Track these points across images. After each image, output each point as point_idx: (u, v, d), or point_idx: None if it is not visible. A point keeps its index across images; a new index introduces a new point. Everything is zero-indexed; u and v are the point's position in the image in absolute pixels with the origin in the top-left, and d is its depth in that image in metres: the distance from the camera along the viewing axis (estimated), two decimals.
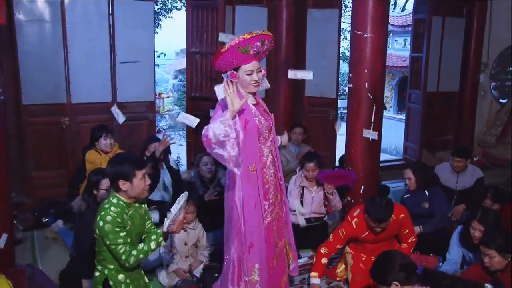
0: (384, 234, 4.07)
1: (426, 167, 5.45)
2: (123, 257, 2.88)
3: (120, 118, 5.42)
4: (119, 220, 2.88)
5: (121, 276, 3.01)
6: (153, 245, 2.97)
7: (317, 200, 5.12)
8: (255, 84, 3.27)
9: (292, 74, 3.31)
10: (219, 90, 3.31)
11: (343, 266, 4.38)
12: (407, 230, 4.19)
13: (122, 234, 2.87)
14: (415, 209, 4.84)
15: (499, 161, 8.04)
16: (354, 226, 4.04)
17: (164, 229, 2.95)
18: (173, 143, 5.39)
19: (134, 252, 2.91)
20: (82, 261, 4.16)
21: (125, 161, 2.96)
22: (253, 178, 3.32)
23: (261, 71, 3.29)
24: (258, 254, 3.38)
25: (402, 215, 4.08)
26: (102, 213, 2.88)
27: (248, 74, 3.23)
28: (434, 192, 4.99)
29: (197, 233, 4.43)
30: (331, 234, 4.23)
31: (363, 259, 4.17)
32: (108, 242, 2.86)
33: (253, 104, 3.37)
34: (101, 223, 2.85)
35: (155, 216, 4.71)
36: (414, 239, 4.28)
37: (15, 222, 4.54)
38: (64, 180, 6.08)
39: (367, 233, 4.04)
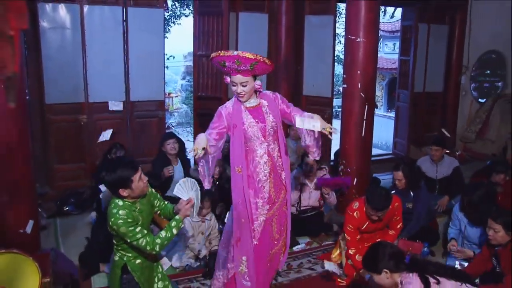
0: (381, 223, 4.09)
1: (413, 165, 5.49)
2: (148, 248, 2.84)
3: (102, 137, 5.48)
4: (130, 220, 2.81)
5: (138, 261, 2.98)
6: (175, 230, 2.95)
7: (315, 196, 5.11)
8: (239, 95, 3.24)
9: (299, 122, 3.24)
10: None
11: (338, 251, 4.38)
12: (398, 217, 4.19)
13: (137, 229, 2.81)
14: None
15: (478, 155, 8.08)
16: (357, 218, 4.03)
17: (182, 216, 2.97)
18: (171, 174, 5.22)
19: (158, 241, 2.87)
20: (99, 247, 4.24)
21: (118, 169, 2.82)
22: (239, 178, 3.31)
23: (246, 86, 3.19)
24: (245, 247, 3.36)
25: (397, 204, 4.09)
26: (113, 219, 2.80)
27: (233, 85, 3.22)
28: (417, 194, 4.89)
29: (211, 224, 4.46)
30: (345, 235, 4.14)
31: (359, 247, 4.12)
32: (129, 240, 2.82)
33: (250, 107, 3.32)
34: (115, 227, 2.79)
35: None
36: (401, 226, 4.28)
37: (39, 210, 4.56)
38: (83, 173, 6.14)
39: (367, 223, 4.04)
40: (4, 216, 3.46)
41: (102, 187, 4.49)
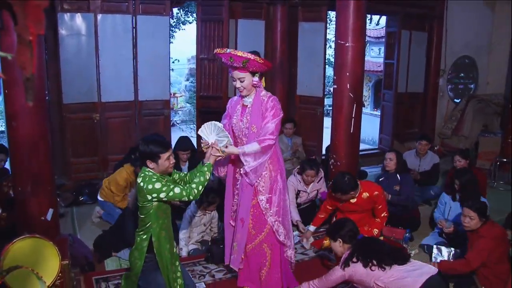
0: (358, 206, 4.22)
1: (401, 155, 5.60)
2: (185, 193, 2.82)
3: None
4: (162, 181, 2.83)
5: (163, 233, 2.95)
6: (207, 174, 2.96)
7: (311, 196, 5.13)
8: (238, 89, 3.24)
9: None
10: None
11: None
12: (380, 206, 4.26)
13: (171, 185, 2.82)
14: (388, 190, 4.90)
15: (454, 149, 8.14)
16: (333, 196, 4.33)
17: (212, 161, 3.03)
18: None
19: (194, 185, 2.86)
20: (112, 236, 4.30)
21: (152, 144, 2.83)
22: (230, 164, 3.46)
23: (244, 81, 3.17)
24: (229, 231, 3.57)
25: (376, 193, 4.16)
26: (147, 179, 2.79)
27: (233, 81, 3.23)
28: (404, 178, 5.04)
29: (212, 215, 4.48)
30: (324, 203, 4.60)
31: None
32: (165, 195, 2.78)
33: (244, 105, 3.30)
34: (150, 186, 2.76)
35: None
36: (385, 214, 4.33)
37: (58, 200, 4.58)
38: (96, 166, 6.15)
39: (342, 203, 4.27)
40: (27, 205, 3.48)
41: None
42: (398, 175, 5.02)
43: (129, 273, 3.16)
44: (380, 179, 5.17)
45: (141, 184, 2.80)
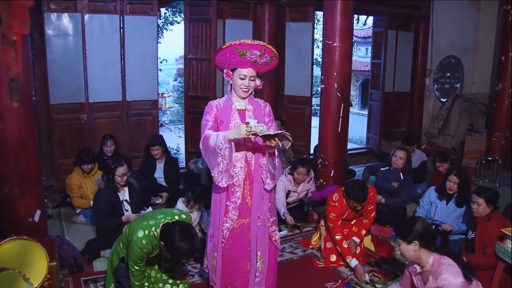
0: (359, 211, 4.14)
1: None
2: (132, 279, 3.03)
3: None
4: (145, 256, 2.98)
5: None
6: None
7: (301, 196, 5.15)
8: (244, 90, 2.92)
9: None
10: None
11: (317, 235, 4.43)
12: (372, 207, 4.20)
13: (141, 264, 2.99)
14: (385, 184, 4.94)
15: (440, 148, 8.26)
16: (338, 208, 4.04)
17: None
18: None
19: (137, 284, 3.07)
20: (101, 236, 4.31)
21: (180, 249, 2.85)
22: None
23: (254, 80, 2.94)
24: (217, 244, 3.04)
25: (372, 193, 4.11)
26: (138, 244, 2.91)
27: (241, 78, 2.89)
28: (407, 180, 5.05)
29: (199, 215, 4.48)
30: (328, 223, 4.09)
31: (343, 232, 4.16)
32: (129, 257, 2.98)
33: (240, 109, 2.99)
34: (133, 245, 2.91)
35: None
36: (374, 215, 4.27)
37: (46, 201, 4.56)
38: None
39: (348, 212, 4.07)
40: (15, 206, 3.47)
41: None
42: (401, 174, 5.02)
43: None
44: (382, 169, 5.18)
45: (134, 239, 2.93)
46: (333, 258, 4.12)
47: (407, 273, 3.05)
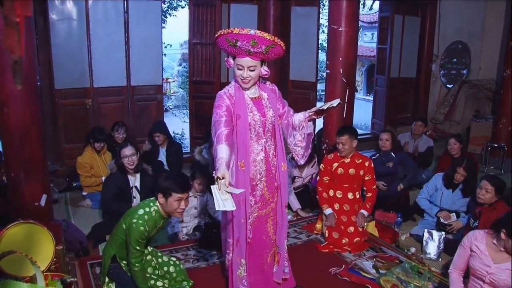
0: (350, 173, 4.23)
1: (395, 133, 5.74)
2: (133, 260, 2.98)
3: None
4: (146, 234, 2.96)
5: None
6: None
7: (306, 181, 5.17)
8: (243, 81, 2.77)
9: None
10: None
11: (321, 223, 4.44)
12: (370, 177, 4.28)
13: (142, 244, 2.97)
14: (381, 167, 4.95)
15: (446, 134, 8.21)
16: (329, 159, 4.31)
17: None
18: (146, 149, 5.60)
19: (138, 275, 3.01)
20: (107, 220, 4.36)
21: (170, 180, 2.90)
22: (241, 174, 2.83)
23: (254, 70, 2.74)
24: (243, 249, 2.96)
25: (367, 163, 4.26)
26: (141, 221, 2.92)
27: (238, 69, 2.75)
28: (401, 156, 5.19)
29: (204, 200, 4.48)
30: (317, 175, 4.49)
31: (336, 209, 4.28)
32: (130, 240, 2.94)
33: (252, 98, 2.87)
34: (134, 225, 2.91)
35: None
36: (374, 187, 4.34)
37: (51, 185, 4.58)
38: None
39: (337, 164, 4.25)
40: (21, 191, 3.48)
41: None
42: (392, 153, 5.14)
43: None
44: (373, 158, 5.17)
45: (136, 216, 2.93)
46: (336, 235, 4.17)
47: (465, 248, 2.89)
